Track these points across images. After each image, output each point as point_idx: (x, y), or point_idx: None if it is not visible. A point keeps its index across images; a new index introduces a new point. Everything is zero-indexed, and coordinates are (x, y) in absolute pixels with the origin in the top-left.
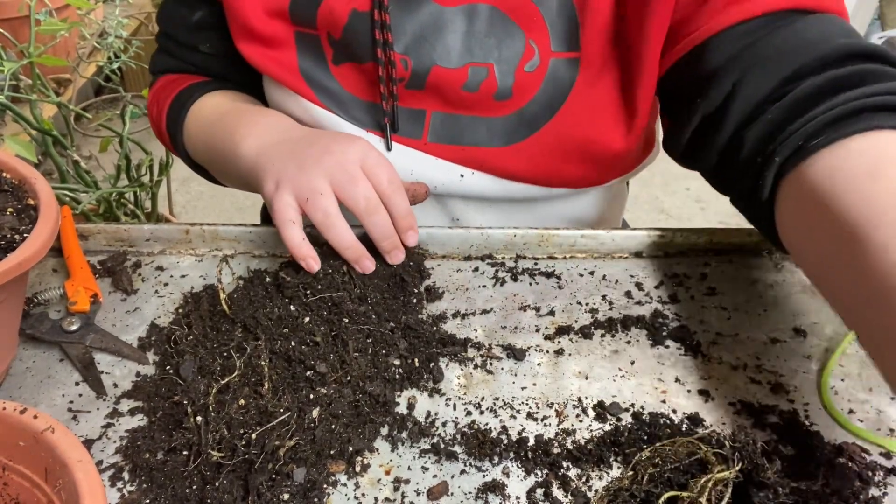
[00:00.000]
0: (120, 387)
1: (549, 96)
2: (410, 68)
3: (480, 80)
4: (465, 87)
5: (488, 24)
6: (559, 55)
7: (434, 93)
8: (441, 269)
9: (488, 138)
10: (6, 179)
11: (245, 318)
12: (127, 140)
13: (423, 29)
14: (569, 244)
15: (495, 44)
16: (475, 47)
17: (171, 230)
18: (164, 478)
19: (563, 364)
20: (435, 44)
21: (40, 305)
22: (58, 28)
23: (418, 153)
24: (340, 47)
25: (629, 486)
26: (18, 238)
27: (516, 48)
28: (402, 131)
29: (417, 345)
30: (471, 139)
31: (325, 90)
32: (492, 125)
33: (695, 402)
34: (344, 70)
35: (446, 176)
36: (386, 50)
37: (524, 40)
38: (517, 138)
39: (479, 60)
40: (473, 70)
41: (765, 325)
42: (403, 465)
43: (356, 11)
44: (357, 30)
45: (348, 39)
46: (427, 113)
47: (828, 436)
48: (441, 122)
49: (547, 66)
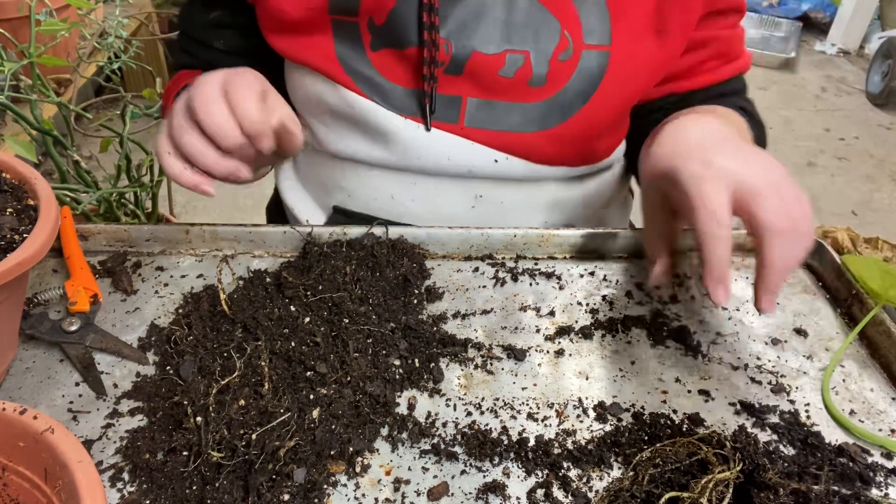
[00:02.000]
0: (120, 387)
1: (581, 86)
2: (451, 53)
3: (517, 67)
4: (501, 73)
5: (526, 14)
6: (591, 47)
7: (470, 78)
8: (441, 269)
9: (523, 123)
10: (6, 179)
11: (245, 318)
12: (127, 140)
13: (466, 15)
14: (569, 244)
15: (532, 33)
16: (513, 35)
17: (171, 230)
18: (164, 478)
19: (564, 364)
20: (476, 29)
21: (40, 305)
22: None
23: (456, 138)
24: (381, 33)
25: (630, 486)
26: (18, 238)
27: (552, 38)
28: (440, 116)
29: (418, 345)
30: (506, 124)
31: (362, 77)
32: (526, 111)
33: (695, 402)
34: (382, 56)
35: (482, 160)
36: (432, 33)
37: (559, 31)
38: (551, 123)
39: (517, 48)
40: (511, 57)
41: (765, 325)
42: (404, 466)
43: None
44: (403, 13)
45: (393, 23)
46: (463, 99)
47: (829, 436)
48: (477, 107)
49: (579, 57)
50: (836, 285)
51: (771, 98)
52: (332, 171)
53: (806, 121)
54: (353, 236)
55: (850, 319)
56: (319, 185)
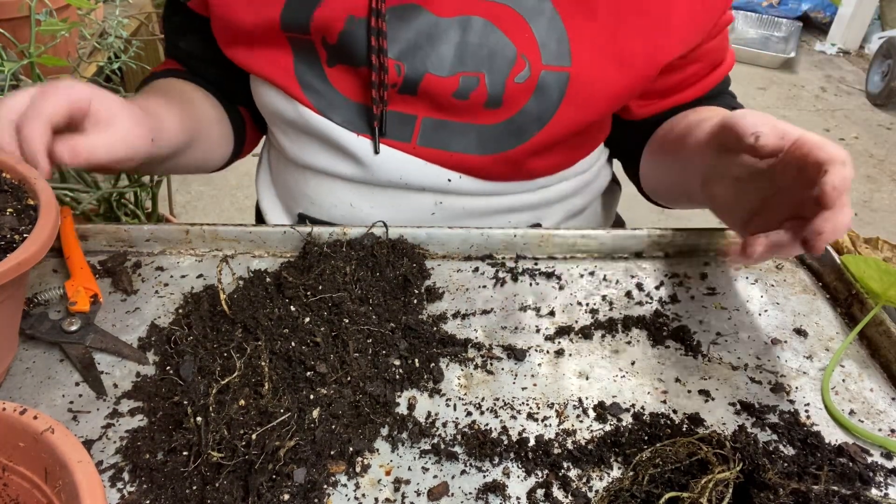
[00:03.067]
0: (120, 387)
1: (539, 107)
2: (403, 74)
3: (471, 89)
4: (455, 95)
5: (481, 37)
6: (550, 68)
7: (426, 99)
8: (441, 269)
9: (477, 145)
10: (6, 179)
11: (245, 318)
12: None
13: (418, 37)
14: (569, 244)
15: (487, 55)
16: (467, 58)
17: (171, 230)
18: (164, 478)
19: (564, 364)
20: (429, 52)
21: (40, 305)
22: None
23: (407, 156)
24: (335, 51)
25: (630, 486)
26: (18, 238)
27: (507, 60)
28: (392, 134)
29: (417, 345)
30: (459, 146)
31: (317, 92)
32: (481, 132)
33: (695, 402)
34: (338, 71)
35: (434, 180)
36: (380, 56)
37: (515, 53)
38: (505, 147)
39: (471, 70)
40: (465, 79)
41: (765, 325)
42: (404, 466)
43: (353, 17)
44: (353, 35)
45: (343, 44)
46: (418, 118)
47: (828, 436)
48: (431, 127)
49: (537, 79)
50: (836, 285)
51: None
52: (295, 178)
53: (806, 121)
54: (353, 236)
55: (849, 319)
56: (286, 191)
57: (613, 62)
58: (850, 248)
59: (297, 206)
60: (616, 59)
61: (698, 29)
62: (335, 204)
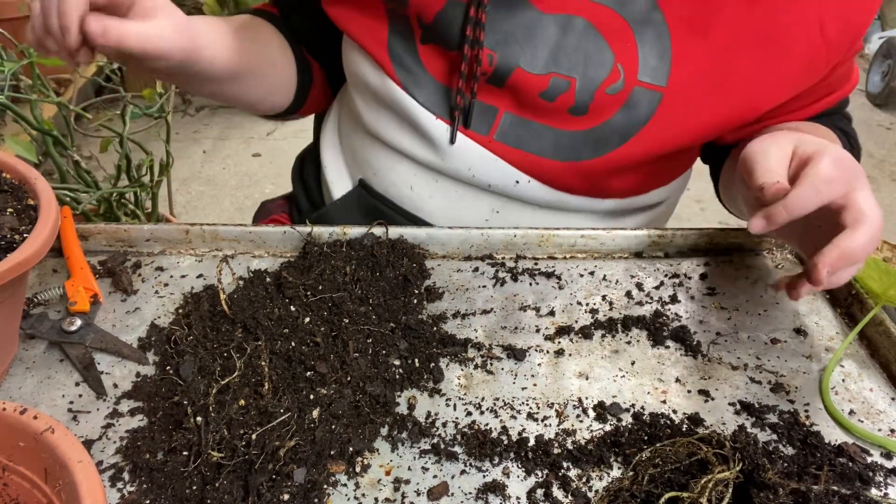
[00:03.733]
0: (120, 387)
1: (624, 122)
2: (495, 64)
3: (560, 92)
4: (542, 95)
5: (581, 39)
6: (644, 85)
7: (511, 93)
8: (441, 269)
9: (553, 150)
10: (6, 179)
11: (245, 318)
12: (127, 140)
13: (516, 29)
14: (569, 244)
15: (582, 59)
16: (562, 58)
17: (171, 230)
18: (164, 478)
19: (564, 364)
20: (524, 46)
21: (40, 305)
22: None
23: (481, 149)
24: (429, 29)
25: (629, 486)
26: (18, 238)
27: (603, 68)
28: (471, 124)
29: (417, 345)
30: (535, 147)
31: (406, 67)
32: (559, 137)
33: (695, 402)
34: (430, 50)
35: (502, 178)
36: (474, 47)
37: (613, 62)
38: (581, 156)
39: (563, 72)
40: (555, 80)
41: (765, 325)
42: (403, 466)
43: (453, 0)
44: (449, 18)
45: (438, 24)
46: (499, 111)
47: (828, 436)
48: (511, 123)
49: (629, 93)
50: None
51: None
52: (364, 145)
53: None
54: (353, 236)
55: (849, 319)
56: (352, 154)
57: (713, 89)
58: None
59: (360, 171)
60: (717, 87)
61: (817, 72)
62: (395, 182)
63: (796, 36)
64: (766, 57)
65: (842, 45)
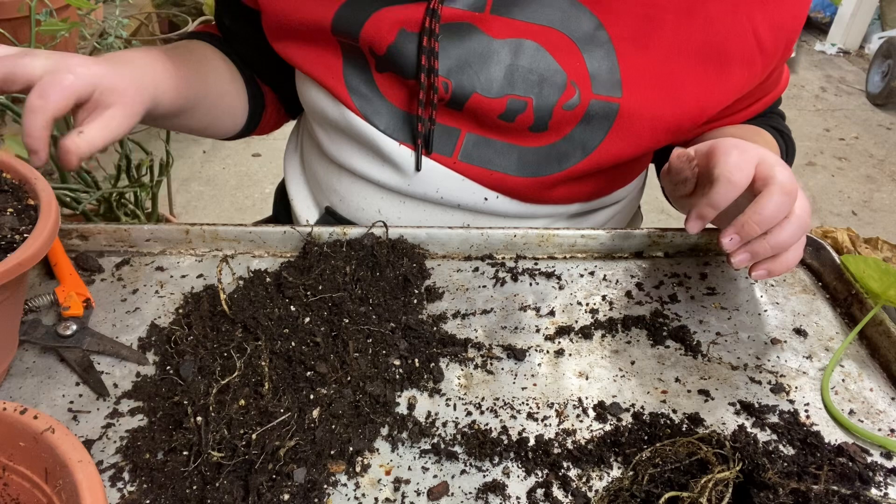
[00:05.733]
0: (120, 387)
1: (585, 135)
2: (451, 91)
3: (518, 112)
4: (501, 117)
5: (532, 60)
6: (600, 97)
7: (470, 116)
8: (441, 269)
9: (518, 167)
10: (6, 179)
11: (245, 318)
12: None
13: (469, 56)
14: (569, 244)
15: (536, 79)
16: (517, 80)
17: (171, 230)
18: (164, 478)
19: (564, 364)
20: (479, 72)
21: (32, 312)
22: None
23: (447, 170)
24: (383, 60)
25: (629, 486)
26: (18, 238)
27: (557, 86)
28: (434, 147)
29: (418, 345)
30: (500, 164)
31: (364, 96)
32: (523, 154)
33: (695, 402)
34: (386, 78)
35: (471, 197)
36: (430, 76)
37: (566, 80)
38: (546, 171)
39: (519, 93)
40: (512, 102)
41: (765, 325)
42: (404, 466)
43: (404, 31)
44: (403, 49)
45: (392, 55)
46: (461, 132)
47: (828, 436)
48: (474, 143)
49: (586, 107)
50: (836, 285)
51: None
52: (328, 173)
53: (806, 121)
54: (353, 236)
55: (849, 319)
56: (316, 183)
57: (664, 96)
58: (850, 248)
59: (326, 199)
60: (667, 94)
61: (755, 77)
62: (363, 207)
63: (733, 45)
64: (708, 65)
65: (776, 52)
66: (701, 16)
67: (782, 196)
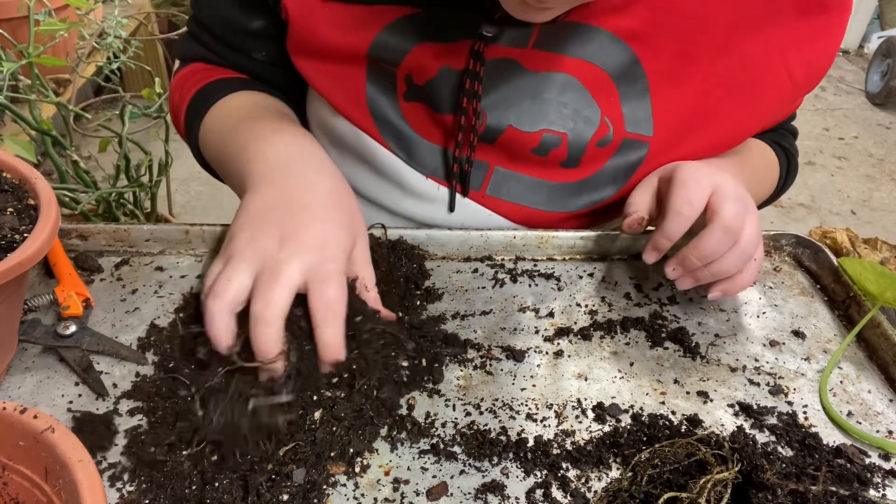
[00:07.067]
0: (119, 387)
1: (615, 172)
2: (485, 124)
3: (552, 147)
4: (534, 151)
5: (568, 95)
6: (632, 136)
7: (501, 149)
8: (441, 270)
9: (547, 201)
10: (6, 179)
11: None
12: (126, 140)
13: (506, 89)
14: (568, 246)
15: (571, 114)
16: (552, 114)
17: (170, 230)
18: (163, 478)
19: (563, 365)
20: (515, 105)
21: (31, 312)
22: (57, 28)
23: (474, 204)
24: (417, 90)
25: (628, 486)
26: (18, 238)
27: (592, 123)
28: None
29: (423, 344)
30: (529, 199)
31: (390, 126)
32: (552, 189)
33: (694, 403)
34: (414, 108)
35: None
36: (473, 101)
37: (600, 116)
38: (575, 206)
39: (555, 128)
40: (547, 136)
41: (763, 326)
42: (403, 466)
43: (448, 69)
44: (443, 85)
45: (430, 90)
46: (490, 166)
47: (827, 437)
48: (502, 177)
49: (619, 144)
50: (834, 287)
51: None
52: None
53: (805, 120)
54: None
55: (847, 321)
56: None
57: (694, 132)
58: (850, 249)
59: None
60: (698, 130)
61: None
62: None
63: (767, 81)
64: (741, 100)
65: (808, 85)
66: (736, 54)
67: (723, 234)
